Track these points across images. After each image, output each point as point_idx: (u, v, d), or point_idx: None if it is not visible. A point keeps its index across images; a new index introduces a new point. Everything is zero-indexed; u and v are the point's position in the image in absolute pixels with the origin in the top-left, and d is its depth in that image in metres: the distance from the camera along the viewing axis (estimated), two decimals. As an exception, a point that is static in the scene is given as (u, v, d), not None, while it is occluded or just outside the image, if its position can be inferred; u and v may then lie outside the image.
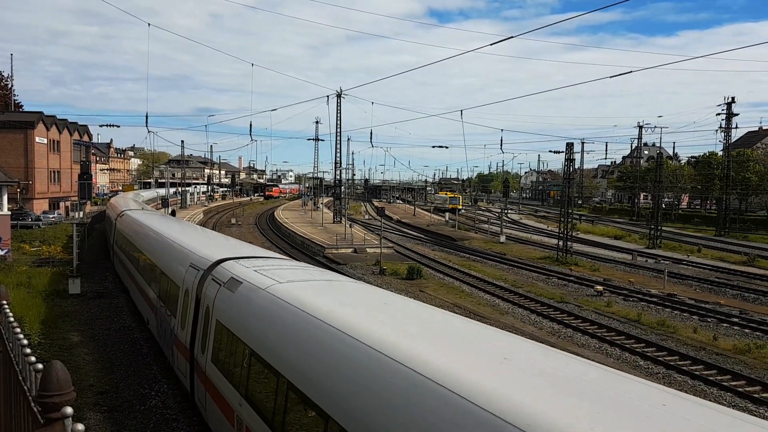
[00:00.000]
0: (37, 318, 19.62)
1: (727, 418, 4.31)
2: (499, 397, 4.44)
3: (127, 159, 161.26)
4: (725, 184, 68.79)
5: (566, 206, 44.78)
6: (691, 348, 20.56)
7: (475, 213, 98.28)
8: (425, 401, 4.82)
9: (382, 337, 6.10)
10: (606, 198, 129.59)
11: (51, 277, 27.49)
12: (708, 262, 42.56)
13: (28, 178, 54.50)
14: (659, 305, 27.11)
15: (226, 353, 9.14)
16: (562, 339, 21.40)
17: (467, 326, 7.17)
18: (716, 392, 16.41)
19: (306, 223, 61.41)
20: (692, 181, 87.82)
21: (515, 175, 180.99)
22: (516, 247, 49.13)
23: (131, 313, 21.16)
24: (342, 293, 8.94)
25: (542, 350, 6.09)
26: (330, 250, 41.05)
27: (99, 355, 16.64)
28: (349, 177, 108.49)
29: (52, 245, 37.78)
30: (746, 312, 26.08)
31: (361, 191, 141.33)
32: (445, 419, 4.55)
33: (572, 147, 44.58)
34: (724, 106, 68.07)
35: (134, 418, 12.36)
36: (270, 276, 9.53)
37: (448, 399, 4.66)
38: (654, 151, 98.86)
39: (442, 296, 27.82)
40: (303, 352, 6.84)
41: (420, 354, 5.50)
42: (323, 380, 6.14)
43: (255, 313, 8.61)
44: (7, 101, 65.28)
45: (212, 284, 10.67)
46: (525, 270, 37.22)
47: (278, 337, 7.60)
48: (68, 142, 66.50)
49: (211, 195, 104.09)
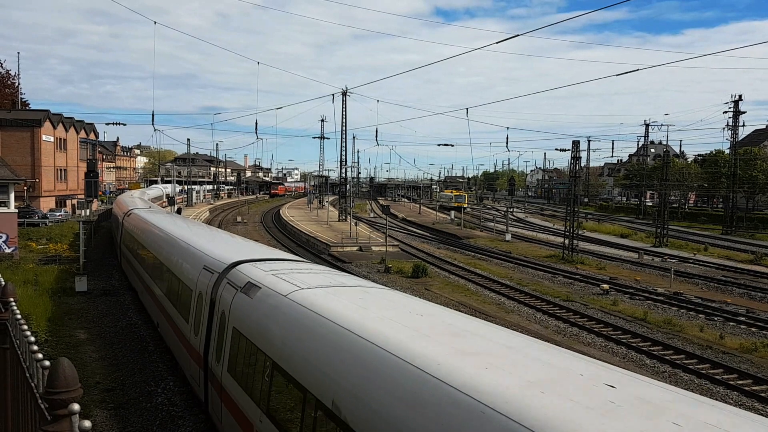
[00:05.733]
0: (44, 315, 19.75)
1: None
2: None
3: (134, 157, 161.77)
4: (732, 183, 68.49)
5: (572, 204, 44.68)
6: (698, 347, 20.49)
7: (480, 211, 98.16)
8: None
9: (430, 355, 5.39)
10: (612, 196, 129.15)
11: (58, 275, 27.63)
12: (715, 260, 42.37)
13: (34, 176, 54.81)
14: (665, 304, 27.02)
15: (245, 364, 8.55)
16: (568, 337, 21.36)
17: (526, 342, 6.20)
18: (722, 391, 16.34)
19: (311, 221, 61.46)
20: (699, 179, 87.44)
21: (521, 174, 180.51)
22: (521, 246, 49.05)
23: (138, 311, 21.24)
24: (373, 301, 8.02)
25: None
26: (335, 248, 41.07)
27: (105, 352, 16.71)
28: (354, 175, 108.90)
29: (59, 243, 37.93)
30: (753, 311, 25.97)
31: (367, 189, 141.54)
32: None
33: (578, 145, 44.47)
34: (731, 104, 67.78)
35: (140, 415, 12.42)
36: (291, 281, 8.95)
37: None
38: (661, 149, 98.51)
39: (448, 294, 27.81)
40: (332, 368, 6.20)
41: (491, 383, 4.71)
42: (358, 400, 5.51)
43: (277, 322, 7.97)
44: (14, 100, 65.62)
45: (228, 289, 10.08)
46: (530, 268, 37.16)
47: (305, 349, 6.93)
48: (75, 140, 66.78)
49: (216, 193, 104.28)
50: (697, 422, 4.03)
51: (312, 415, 6.20)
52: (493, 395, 4.51)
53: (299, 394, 6.57)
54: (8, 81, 70.05)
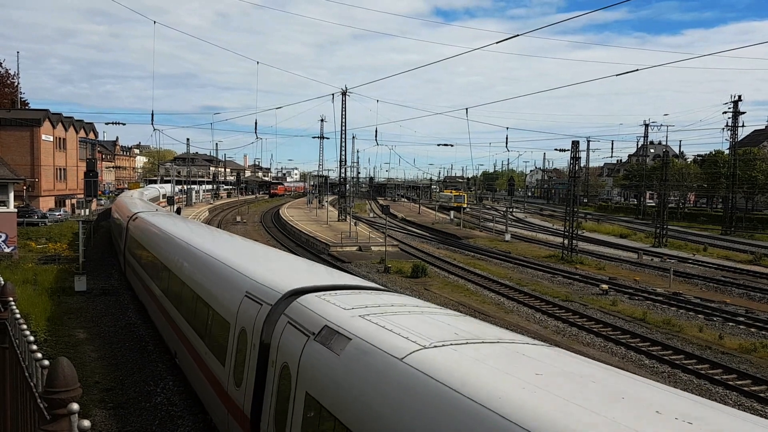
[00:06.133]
0: (43, 315, 19.75)
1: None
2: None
3: (133, 157, 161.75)
4: (731, 183, 68.55)
5: (572, 204, 44.70)
6: (697, 347, 20.50)
7: (480, 211, 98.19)
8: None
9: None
10: (611, 197, 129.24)
11: (57, 275, 27.62)
12: (714, 260, 42.39)
13: (34, 175, 54.75)
14: (665, 304, 27.03)
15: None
16: (567, 338, 21.37)
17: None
18: (722, 391, 16.35)
19: (311, 221, 61.47)
20: (698, 179, 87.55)
21: (520, 174, 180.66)
22: (521, 246, 49.06)
23: (137, 311, 21.23)
24: (534, 368, 5.17)
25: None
26: (335, 248, 41.09)
27: (105, 352, 16.71)
28: (354, 175, 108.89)
29: (58, 242, 37.91)
30: (752, 311, 25.99)
31: (366, 189, 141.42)
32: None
33: (578, 145, 44.50)
34: (731, 105, 67.81)
35: (139, 415, 12.42)
36: (393, 328, 6.26)
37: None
38: (660, 150, 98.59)
39: (447, 294, 27.82)
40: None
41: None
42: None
43: (393, 403, 5.22)
44: (13, 99, 65.60)
45: (291, 331, 7.35)
46: (530, 268, 37.17)
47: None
48: (74, 139, 66.73)
49: (216, 193, 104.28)
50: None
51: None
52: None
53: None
54: (8, 80, 70.05)
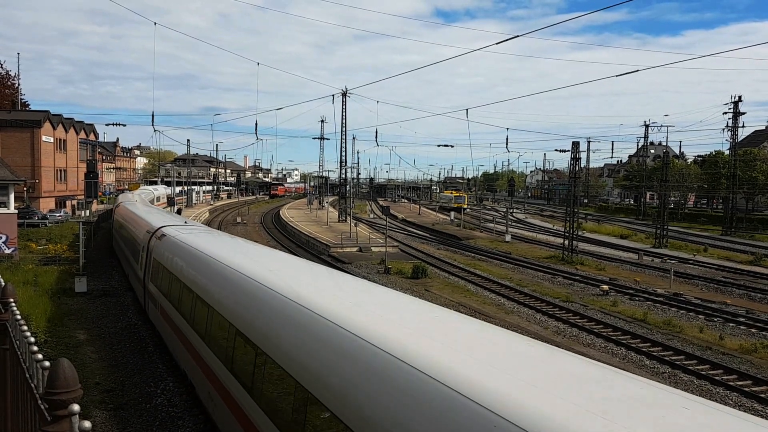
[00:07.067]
0: (44, 316, 19.75)
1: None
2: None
3: (133, 158, 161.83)
4: (732, 184, 68.51)
5: (572, 205, 44.69)
6: (697, 347, 20.49)
7: (480, 212, 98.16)
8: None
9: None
10: (612, 197, 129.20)
11: (57, 276, 27.63)
12: (714, 261, 42.38)
13: (34, 176, 54.78)
14: (665, 305, 27.02)
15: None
16: (568, 338, 21.37)
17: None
18: (722, 392, 16.35)
19: (311, 221, 61.48)
20: (699, 180, 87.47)
21: (521, 174, 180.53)
22: (521, 246, 49.05)
23: (137, 312, 21.23)
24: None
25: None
26: (335, 248, 41.10)
27: (105, 353, 16.71)
28: (354, 176, 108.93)
29: (59, 244, 37.89)
30: (753, 312, 25.98)
31: (366, 190, 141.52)
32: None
33: (578, 146, 44.48)
34: (731, 105, 67.76)
35: (140, 416, 12.42)
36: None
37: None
38: (660, 150, 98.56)
39: (447, 295, 27.81)
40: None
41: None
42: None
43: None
44: (13, 100, 65.62)
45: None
46: (530, 269, 37.16)
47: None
48: (75, 141, 66.77)
49: (216, 194, 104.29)
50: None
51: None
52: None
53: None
54: (8, 81, 70.12)
